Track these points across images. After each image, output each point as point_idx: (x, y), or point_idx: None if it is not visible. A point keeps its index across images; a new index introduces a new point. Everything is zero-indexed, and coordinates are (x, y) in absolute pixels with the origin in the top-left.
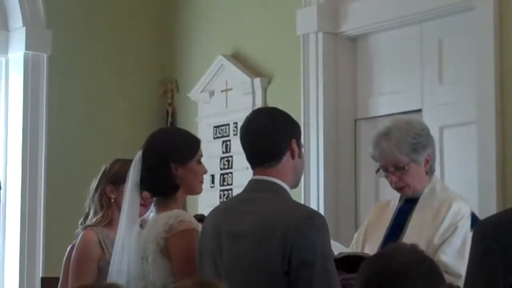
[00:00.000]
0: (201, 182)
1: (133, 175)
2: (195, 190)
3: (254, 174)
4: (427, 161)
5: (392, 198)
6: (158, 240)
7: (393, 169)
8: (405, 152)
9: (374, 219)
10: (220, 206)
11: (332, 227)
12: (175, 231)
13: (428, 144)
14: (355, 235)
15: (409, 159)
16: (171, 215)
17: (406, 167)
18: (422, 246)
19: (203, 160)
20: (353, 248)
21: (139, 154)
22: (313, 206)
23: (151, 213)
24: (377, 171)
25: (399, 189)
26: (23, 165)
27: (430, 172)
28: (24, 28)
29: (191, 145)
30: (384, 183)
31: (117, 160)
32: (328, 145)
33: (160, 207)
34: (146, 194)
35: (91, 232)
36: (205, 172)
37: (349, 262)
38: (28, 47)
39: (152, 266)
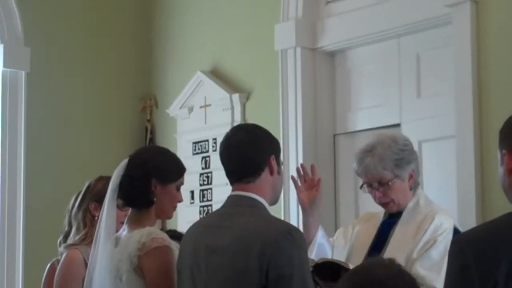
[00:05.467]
0: (174, 208)
1: (114, 180)
2: (167, 213)
3: (233, 190)
4: (411, 176)
5: (379, 211)
6: (132, 258)
7: (377, 184)
8: (389, 168)
9: (360, 231)
10: (198, 222)
11: None
12: (148, 249)
13: (412, 159)
14: (336, 233)
15: (393, 174)
16: (144, 232)
17: (390, 183)
18: (402, 260)
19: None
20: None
21: (125, 160)
22: (293, 222)
23: (123, 232)
24: (361, 186)
25: (383, 204)
26: (1, 182)
27: (414, 186)
28: (2, 46)
29: (177, 169)
30: (364, 197)
31: (101, 178)
32: (307, 160)
33: (133, 224)
34: (121, 212)
35: (76, 251)
36: (181, 201)
37: (330, 270)
38: (6, 64)
39: (126, 285)
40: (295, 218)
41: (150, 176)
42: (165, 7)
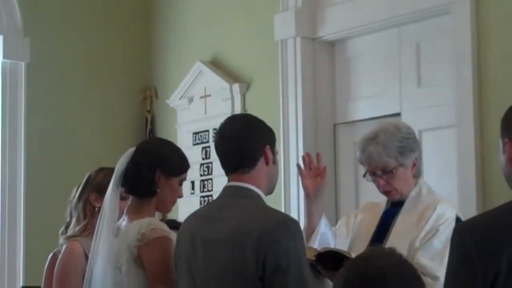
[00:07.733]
0: (174, 202)
1: (119, 167)
2: (167, 206)
3: (228, 181)
4: (414, 165)
5: (381, 201)
6: (131, 249)
7: (380, 172)
8: (392, 155)
9: (362, 220)
10: (195, 213)
11: None
12: (147, 240)
13: (415, 147)
14: (339, 222)
15: (396, 162)
16: (143, 223)
17: (394, 171)
18: (405, 249)
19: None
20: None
21: (131, 149)
22: (294, 211)
23: (123, 222)
24: (364, 175)
25: (386, 193)
26: (2, 173)
27: (417, 175)
28: (1, 36)
29: (182, 164)
30: (365, 186)
31: (102, 169)
32: (307, 150)
33: (132, 214)
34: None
35: (76, 242)
36: (181, 196)
37: (333, 259)
38: (5, 55)
39: (126, 276)
40: (295, 210)
41: (155, 166)
42: None
